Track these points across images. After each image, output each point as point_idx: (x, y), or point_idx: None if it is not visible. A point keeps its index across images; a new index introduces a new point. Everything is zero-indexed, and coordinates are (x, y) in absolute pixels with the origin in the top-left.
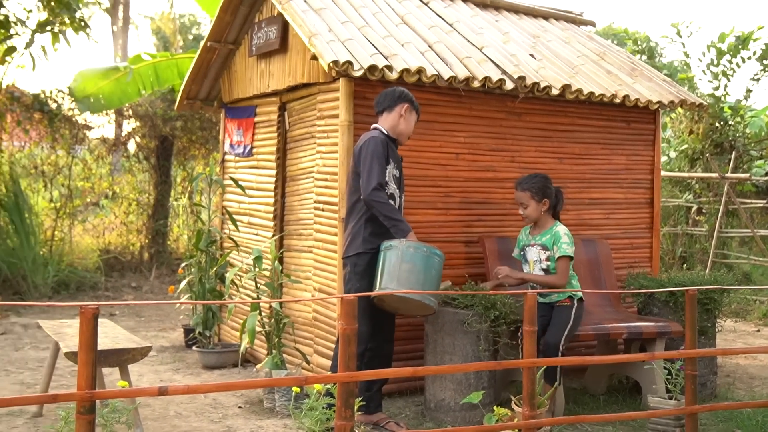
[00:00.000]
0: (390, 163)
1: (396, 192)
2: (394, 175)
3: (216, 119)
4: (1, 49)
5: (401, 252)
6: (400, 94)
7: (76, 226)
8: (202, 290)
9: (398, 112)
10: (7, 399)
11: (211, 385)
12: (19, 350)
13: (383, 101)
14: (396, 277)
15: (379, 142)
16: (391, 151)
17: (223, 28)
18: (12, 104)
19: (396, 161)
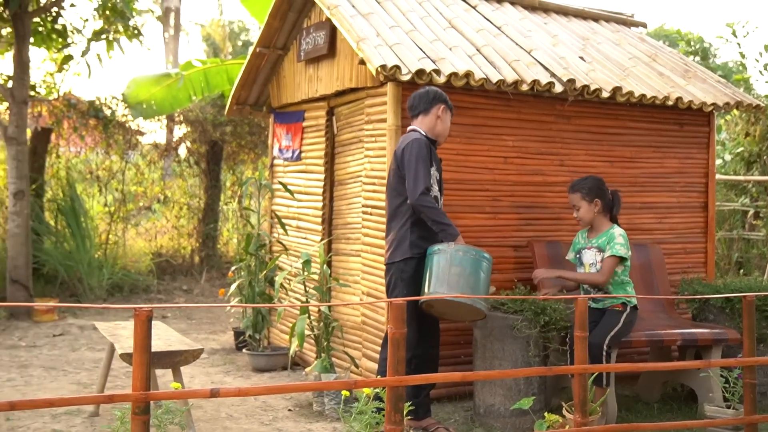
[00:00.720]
0: (432, 165)
1: (438, 194)
2: (437, 178)
3: (265, 124)
4: (59, 58)
5: (450, 256)
6: (435, 95)
7: (130, 229)
8: (251, 293)
9: (435, 114)
10: (66, 398)
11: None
12: (76, 351)
13: (418, 104)
14: (445, 281)
15: (422, 144)
16: (433, 153)
17: (272, 34)
18: (69, 111)
19: (437, 163)
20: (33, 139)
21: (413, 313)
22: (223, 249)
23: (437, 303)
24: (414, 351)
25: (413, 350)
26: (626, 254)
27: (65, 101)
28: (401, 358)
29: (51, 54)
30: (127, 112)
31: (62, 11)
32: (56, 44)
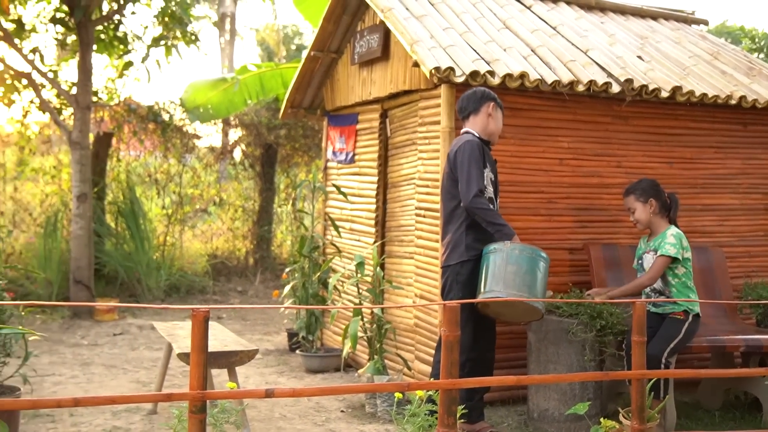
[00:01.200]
0: (486, 166)
1: (493, 196)
2: (491, 179)
3: (318, 127)
4: (120, 64)
5: (506, 254)
6: (483, 94)
7: (186, 231)
8: (305, 295)
9: (485, 113)
10: (126, 396)
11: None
12: (135, 350)
13: (467, 105)
14: (501, 279)
15: (475, 146)
16: (486, 154)
17: (326, 38)
18: (129, 116)
19: (491, 164)
20: (95, 143)
21: (469, 316)
22: (276, 251)
23: (493, 302)
24: (469, 354)
25: (468, 353)
26: (676, 254)
27: (126, 106)
28: (454, 360)
29: (112, 61)
30: (184, 117)
31: (123, 19)
32: (117, 51)
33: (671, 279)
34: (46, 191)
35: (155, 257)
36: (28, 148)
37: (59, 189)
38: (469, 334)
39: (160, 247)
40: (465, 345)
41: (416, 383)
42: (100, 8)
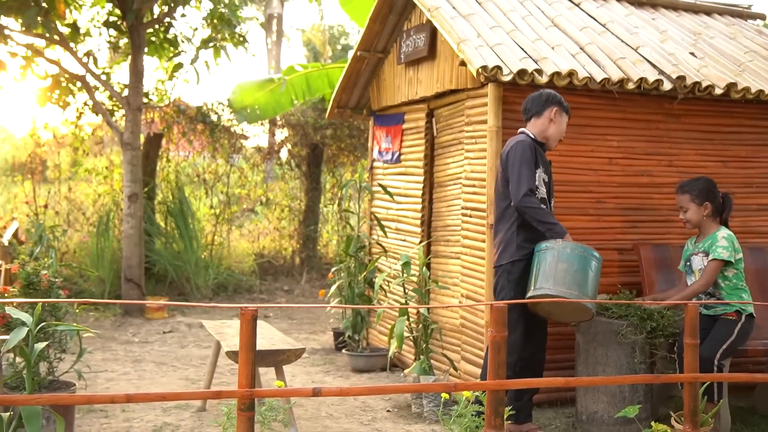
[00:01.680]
0: (539, 167)
1: (546, 197)
2: (544, 180)
3: (364, 127)
4: (170, 66)
5: (557, 252)
6: (548, 97)
7: (234, 231)
8: (351, 295)
9: (547, 116)
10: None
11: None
12: (184, 348)
13: (531, 107)
14: (552, 276)
15: (526, 146)
16: (539, 155)
17: (372, 38)
18: (178, 117)
19: (545, 165)
20: (146, 144)
21: (520, 315)
22: (323, 250)
23: (543, 301)
24: (520, 353)
25: (519, 353)
26: (729, 257)
27: (175, 107)
28: (501, 361)
29: (162, 63)
30: (232, 117)
31: (174, 21)
32: (167, 53)
33: (721, 281)
34: (98, 191)
35: (203, 256)
36: (82, 149)
37: (111, 189)
38: (519, 333)
39: (208, 247)
40: (516, 345)
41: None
42: (151, 11)
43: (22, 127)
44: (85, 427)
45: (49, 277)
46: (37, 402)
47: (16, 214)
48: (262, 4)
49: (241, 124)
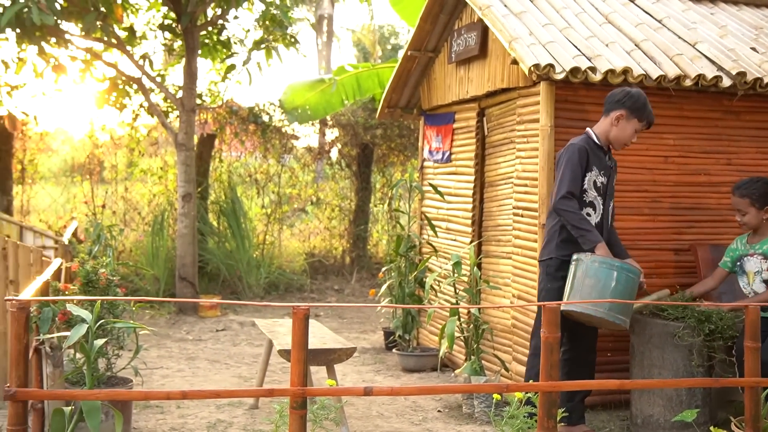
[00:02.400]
0: (592, 169)
1: (598, 200)
2: (598, 182)
3: (414, 126)
4: (223, 68)
5: (586, 266)
6: (621, 98)
7: (285, 230)
8: (401, 294)
9: (613, 118)
10: (230, 391)
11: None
12: (236, 346)
13: (606, 103)
14: (579, 291)
15: (576, 149)
16: (594, 157)
17: (423, 37)
18: (231, 117)
19: (602, 167)
20: (199, 144)
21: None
22: (373, 250)
23: (575, 312)
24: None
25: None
26: None
27: (228, 108)
28: (555, 362)
29: (215, 64)
30: (283, 118)
31: (227, 24)
32: (221, 55)
33: None
34: (153, 191)
35: (255, 255)
36: (138, 150)
37: (166, 189)
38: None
39: (259, 246)
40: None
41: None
42: (205, 14)
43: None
44: (142, 422)
45: (107, 275)
46: (97, 397)
47: (75, 214)
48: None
49: (292, 125)
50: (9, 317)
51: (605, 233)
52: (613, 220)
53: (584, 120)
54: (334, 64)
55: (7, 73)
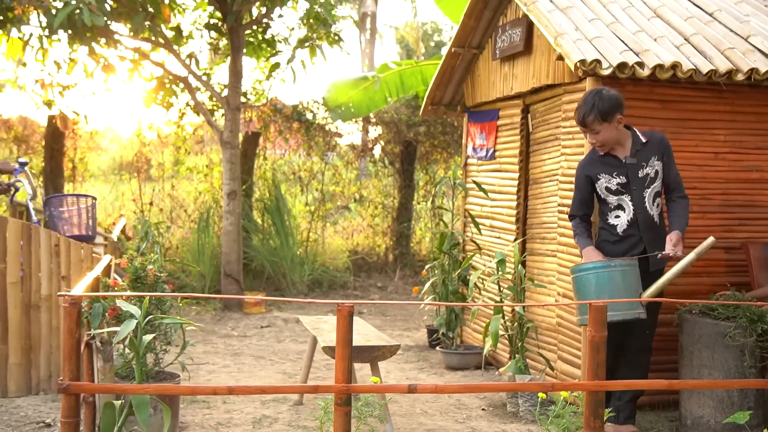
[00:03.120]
0: (599, 178)
1: (624, 198)
2: (612, 185)
3: (458, 124)
4: (268, 66)
5: (574, 281)
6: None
7: (328, 228)
8: (445, 292)
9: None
10: (276, 387)
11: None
12: (281, 342)
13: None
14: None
15: (576, 170)
16: (599, 165)
17: (467, 34)
18: (275, 116)
19: (611, 172)
20: (244, 142)
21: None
22: (416, 247)
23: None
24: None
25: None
26: None
27: (272, 106)
28: (601, 361)
29: (260, 63)
30: (327, 115)
31: (271, 22)
32: (265, 53)
33: None
34: (199, 189)
35: (299, 253)
36: (184, 148)
37: (211, 187)
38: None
39: (303, 243)
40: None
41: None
42: (250, 13)
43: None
44: (189, 416)
45: (155, 271)
46: (146, 391)
47: (123, 211)
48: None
49: (336, 122)
50: (62, 312)
51: (645, 222)
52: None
53: (630, 116)
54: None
55: (59, 73)
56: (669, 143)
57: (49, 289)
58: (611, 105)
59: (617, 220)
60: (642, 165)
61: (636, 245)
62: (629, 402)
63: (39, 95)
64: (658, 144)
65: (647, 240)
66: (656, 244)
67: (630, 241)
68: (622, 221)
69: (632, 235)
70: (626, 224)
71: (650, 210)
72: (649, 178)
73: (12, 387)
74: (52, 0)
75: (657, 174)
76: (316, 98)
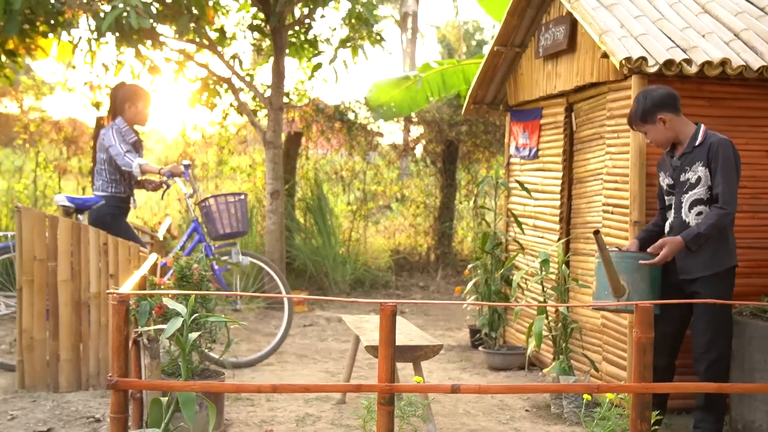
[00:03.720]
0: (659, 176)
1: (671, 199)
2: (664, 185)
3: (500, 123)
4: (310, 66)
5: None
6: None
7: (370, 227)
8: (487, 292)
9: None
10: (319, 386)
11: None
12: (323, 341)
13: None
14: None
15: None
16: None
17: (509, 32)
18: (317, 115)
19: (666, 170)
20: (286, 142)
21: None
22: (458, 247)
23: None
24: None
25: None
26: None
27: (314, 106)
28: (647, 363)
29: (302, 63)
30: (368, 115)
31: (314, 23)
32: (308, 54)
33: None
34: (242, 188)
35: (341, 252)
36: (227, 148)
37: (254, 186)
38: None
39: (345, 242)
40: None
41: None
42: (292, 14)
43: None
44: (233, 414)
45: (200, 270)
46: (192, 388)
47: (169, 211)
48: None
49: (377, 122)
50: (110, 310)
51: (679, 228)
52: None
53: None
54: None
55: (106, 75)
56: (726, 150)
57: (98, 286)
58: (651, 105)
59: (667, 222)
60: (685, 169)
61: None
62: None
63: (87, 97)
64: (708, 149)
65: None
66: (687, 257)
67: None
68: (668, 223)
69: None
70: (668, 228)
71: (685, 217)
72: (689, 183)
73: (63, 382)
74: (100, 4)
75: (699, 180)
76: (358, 98)
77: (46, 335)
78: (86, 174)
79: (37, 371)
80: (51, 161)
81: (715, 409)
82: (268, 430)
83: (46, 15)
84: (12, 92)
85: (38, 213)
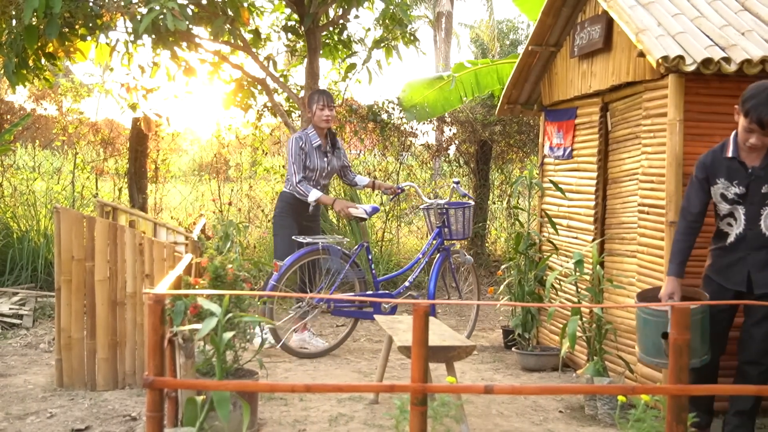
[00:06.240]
0: (716, 183)
1: (738, 209)
2: (729, 194)
3: (534, 123)
4: (344, 67)
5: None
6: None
7: (403, 227)
8: (521, 292)
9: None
10: (352, 385)
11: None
12: (356, 341)
13: None
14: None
15: (696, 165)
16: (718, 168)
17: (544, 31)
18: (350, 116)
19: (734, 177)
20: None
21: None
22: (491, 248)
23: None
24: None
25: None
26: None
27: (348, 107)
28: (684, 365)
29: (336, 64)
30: (401, 115)
31: (347, 23)
32: (341, 54)
33: None
34: (276, 189)
35: (374, 252)
36: (261, 149)
37: None
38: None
39: (378, 243)
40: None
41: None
42: (326, 14)
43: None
44: (267, 413)
45: (234, 270)
46: (226, 388)
47: (203, 211)
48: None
49: (411, 122)
50: (146, 309)
51: (754, 240)
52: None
53: (715, 113)
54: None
55: (143, 77)
56: None
57: (134, 286)
58: None
59: (729, 229)
60: (759, 180)
61: (735, 264)
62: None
63: (124, 99)
64: None
65: (753, 262)
66: (764, 269)
67: (732, 257)
68: (732, 232)
69: (737, 251)
70: (734, 239)
71: (764, 230)
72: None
73: (100, 381)
74: (137, 6)
75: None
76: (391, 98)
77: (84, 334)
78: (122, 175)
79: (75, 370)
80: (88, 163)
81: (755, 414)
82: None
83: (85, 18)
84: (51, 95)
85: (76, 214)
